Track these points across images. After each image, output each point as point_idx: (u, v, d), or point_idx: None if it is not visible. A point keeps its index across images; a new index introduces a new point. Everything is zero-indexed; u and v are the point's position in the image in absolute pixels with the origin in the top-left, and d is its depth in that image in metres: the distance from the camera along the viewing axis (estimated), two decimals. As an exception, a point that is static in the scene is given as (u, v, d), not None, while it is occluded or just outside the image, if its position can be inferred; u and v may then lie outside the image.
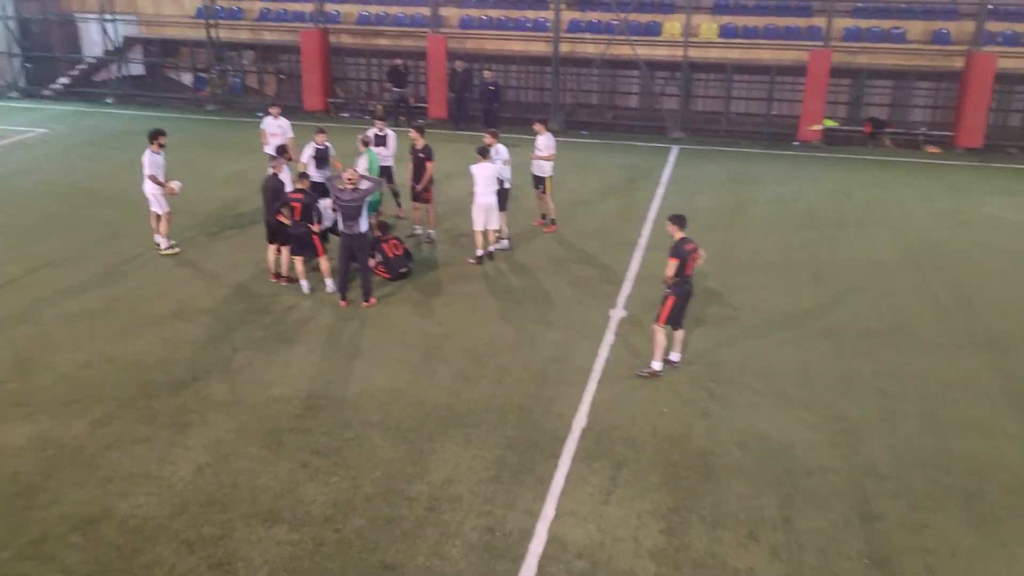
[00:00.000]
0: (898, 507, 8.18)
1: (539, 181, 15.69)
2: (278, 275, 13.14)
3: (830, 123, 23.49)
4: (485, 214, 13.84)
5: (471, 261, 14.12)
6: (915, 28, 23.84)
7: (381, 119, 15.72)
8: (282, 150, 13.94)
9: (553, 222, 15.89)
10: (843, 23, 24.08)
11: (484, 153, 13.95)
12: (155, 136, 13.83)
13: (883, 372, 10.73)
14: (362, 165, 14.06)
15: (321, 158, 14.75)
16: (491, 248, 14.37)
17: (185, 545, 7.51)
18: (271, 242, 12.97)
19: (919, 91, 24.96)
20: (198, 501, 8.09)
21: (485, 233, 14.04)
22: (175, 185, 13.80)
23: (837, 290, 13.29)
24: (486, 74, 23.49)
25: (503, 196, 14.41)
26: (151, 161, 13.71)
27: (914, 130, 23.68)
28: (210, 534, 7.65)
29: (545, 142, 15.46)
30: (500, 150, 14.53)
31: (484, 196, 13.73)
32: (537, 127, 15.63)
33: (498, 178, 14.01)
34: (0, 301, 12.36)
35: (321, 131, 14.87)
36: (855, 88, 24.80)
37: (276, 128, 16.40)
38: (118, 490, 8.23)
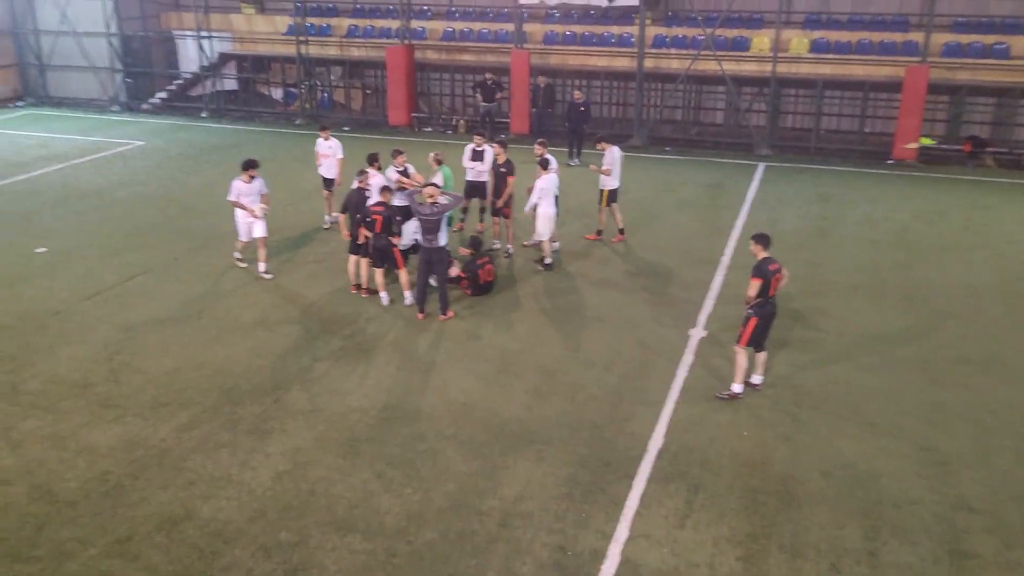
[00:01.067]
0: (991, 544, 7.78)
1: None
2: (358, 286, 13.35)
3: (927, 141, 22.68)
4: (550, 223, 14.26)
5: (540, 268, 14.53)
6: (1019, 44, 22.85)
7: (480, 135, 15.77)
8: (373, 158, 14.14)
9: (600, 233, 16.13)
10: (942, 38, 23.25)
11: (545, 165, 14.35)
12: (247, 167, 13.93)
13: (977, 403, 10.26)
14: (438, 183, 14.14)
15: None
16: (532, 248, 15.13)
17: (262, 550, 7.66)
18: (353, 253, 13.20)
19: (1023, 109, 23.90)
20: (276, 507, 8.24)
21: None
22: (258, 210, 13.91)
23: (930, 315, 12.78)
24: (576, 95, 23.29)
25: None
26: (235, 187, 13.85)
27: (1017, 150, 22.67)
28: (286, 540, 7.78)
29: (608, 158, 15.66)
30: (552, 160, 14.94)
31: (549, 206, 14.17)
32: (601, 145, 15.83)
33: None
34: (95, 308, 12.88)
35: (399, 152, 14.53)
36: (954, 105, 23.90)
37: (327, 149, 16.43)
38: (201, 493, 8.46)
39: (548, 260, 14.53)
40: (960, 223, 17.33)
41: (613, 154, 15.64)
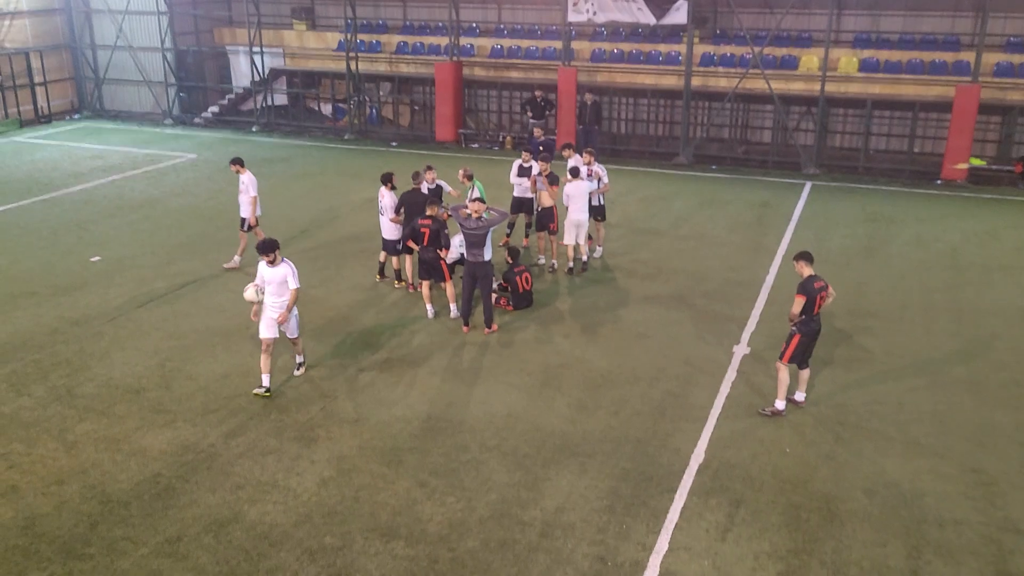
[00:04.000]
0: (1040, 568, 7.67)
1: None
2: (412, 284, 14.11)
3: (977, 162, 22.35)
4: (576, 229, 14.70)
5: (566, 271, 15.03)
6: (1073, 63, 22.48)
7: (528, 151, 15.94)
8: (387, 177, 14.09)
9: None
10: (993, 58, 22.93)
11: (576, 173, 14.75)
12: (264, 250, 10.76)
13: (1027, 425, 10.10)
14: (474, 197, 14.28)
15: (435, 195, 14.39)
16: (585, 259, 15.26)
17: (307, 553, 7.80)
18: (406, 253, 13.87)
19: (1076, 129, 23.45)
20: (321, 512, 8.40)
21: (576, 247, 14.96)
22: (276, 312, 10.83)
23: (980, 337, 12.60)
24: (587, 96, 23.97)
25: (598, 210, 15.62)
26: (259, 272, 10.86)
27: (1070, 170, 22.25)
28: (331, 544, 7.92)
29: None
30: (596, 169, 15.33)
31: (577, 213, 14.60)
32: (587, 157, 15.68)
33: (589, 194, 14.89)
34: (148, 315, 13.23)
35: (430, 168, 14.60)
36: (1006, 126, 23.53)
37: (240, 184, 15.47)
38: (248, 496, 8.65)
39: (570, 264, 15.06)
40: (1011, 244, 17.04)
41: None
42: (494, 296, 13.03)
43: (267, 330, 10.68)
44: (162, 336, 12.48)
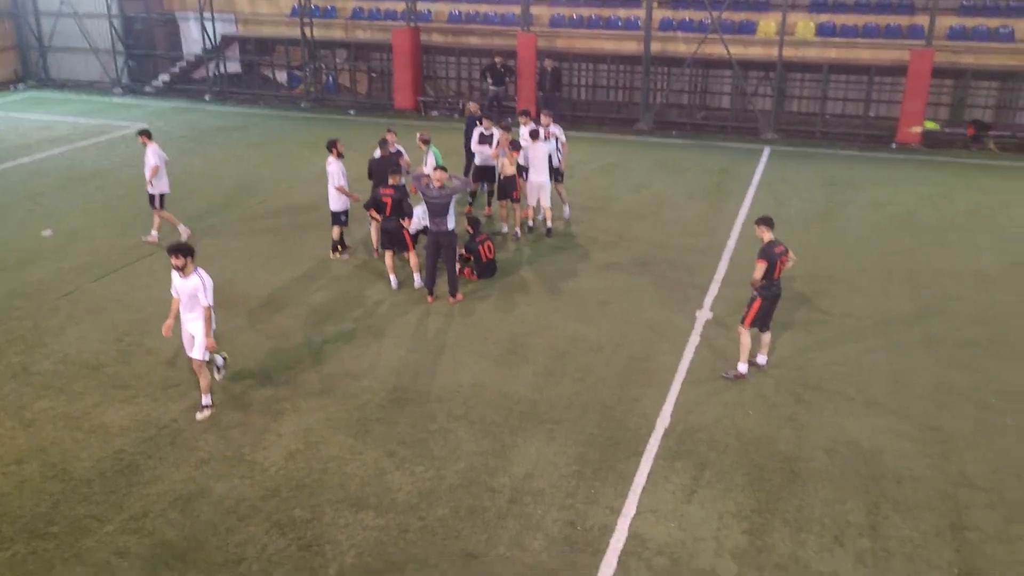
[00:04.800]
0: (992, 519, 7.91)
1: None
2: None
3: (931, 125, 22.69)
4: (536, 191, 14.95)
5: (516, 235, 15.23)
6: (1024, 27, 22.84)
7: (489, 119, 15.82)
8: (332, 144, 13.90)
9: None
10: (947, 21, 23.22)
11: (535, 136, 14.87)
12: (173, 252, 9.39)
13: (982, 383, 10.36)
14: (430, 163, 14.21)
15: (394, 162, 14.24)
16: (549, 225, 15.31)
17: (276, 526, 7.78)
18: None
19: (1027, 92, 23.89)
20: (289, 485, 8.37)
21: (543, 211, 15.21)
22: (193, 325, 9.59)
23: (935, 298, 12.86)
24: (547, 62, 24.12)
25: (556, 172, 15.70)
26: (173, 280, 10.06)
27: (1020, 133, 22.67)
28: (300, 517, 7.91)
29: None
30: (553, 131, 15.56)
31: (537, 175, 14.84)
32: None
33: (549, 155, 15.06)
34: (103, 289, 12.98)
35: (390, 131, 14.58)
36: (958, 89, 23.88)
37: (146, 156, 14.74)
38: (214, 471, 8.58)
39: (531, 224, 15.45)
40: (964, 206, 17.39)
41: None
42: (458, 266, 12.98)
43: (189, 349, 9.52)
44: (119, 310, 12.26)
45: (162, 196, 14.79)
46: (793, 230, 15.11)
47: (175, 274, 9.22)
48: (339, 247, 14.25)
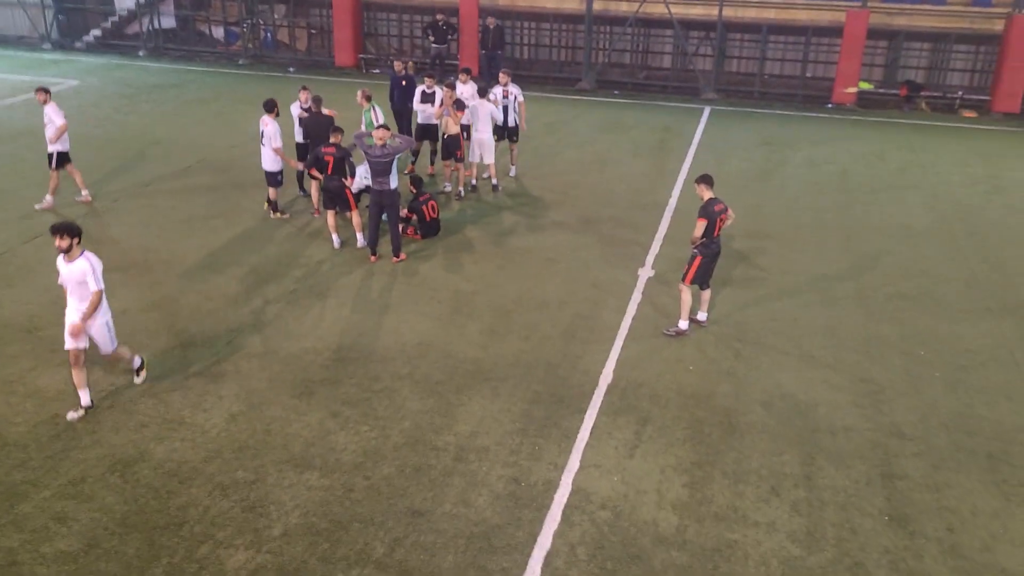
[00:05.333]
0: (920, 467, 8.24)
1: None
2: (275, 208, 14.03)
3: (865, 86, 23.12)
4: (479, 148, 15.07)
5: (459, 194, 15.20)
6: (956, -11, 23.30)
7: (430, 76, 15.63)
8: (271, 105, 13.65)
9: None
10: (883, -17, 23.59)
11: (483, 93, 15.11)
12: (56, 232, 9.46)
13: (911, 336, 10.72)
14: (380, 120, 14.10)
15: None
16: (495, 181, 15.51)
17: (219, 488, 7.73)
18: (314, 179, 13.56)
19: (957, 54, 24.43)
20: (231, 447, 8.31)
21: (481, 167, 15.52)
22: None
23: (867, 254, 13.21)
24: (489, 20, 24.08)
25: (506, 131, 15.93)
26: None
27: (951, 94, 23.25)
28: (243, 478, 7.87)
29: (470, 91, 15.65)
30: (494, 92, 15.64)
31: (480, 132, 14.98)
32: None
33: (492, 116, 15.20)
34: (35, 250, 12.60)
35: (304, 88, 14.38)
36: (892, 50, 24.33)
37: (45, 116, 14.09)
38: (153, 435, 8.46)
39: (473, 182, 15.52)
40: (896, 164, 17.82)
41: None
42: (401, 226, 12.89)
43: (71, 340, 8.58)
44: (52, 272, 11.69)
45: (60, 155, 13.97)
46: (732, 188, 15.33)
47: (60, 259, 8.35)
48: (276, 207, 14.02)
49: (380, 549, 7.08)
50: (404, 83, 16.27)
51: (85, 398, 8.80)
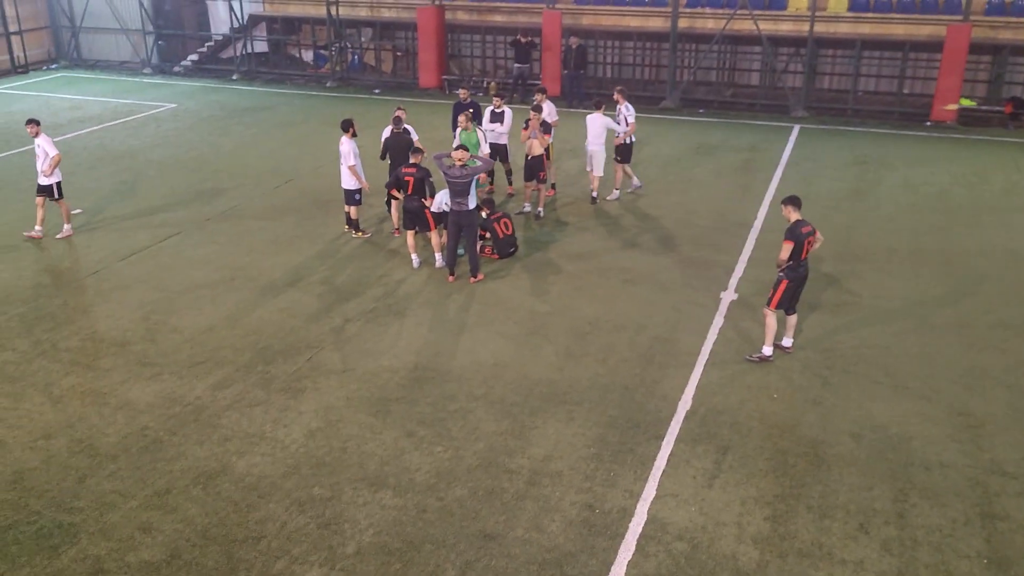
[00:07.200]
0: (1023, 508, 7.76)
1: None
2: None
3: (967, 103, 22.19)
4: (588, 159, 15.58)
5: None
6: (1065, 1, 22.21)
7: (498, 96, 15.70)
8: (347, 124, 13.80)
9: (553, 187, 16.41)
10: (985, -4, 22.67)
11: (599, 106, 15.43)
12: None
13: (1015, 367, 10.13)
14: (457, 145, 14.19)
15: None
16: (595, 193, 15.84)
17: (296, 504, 7.81)
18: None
19: (1066, 69, 23.28)
20: (309, 463, 8.39)
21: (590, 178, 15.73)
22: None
23: (968, 279, 12.60)
24: (572, 40, 23.98)
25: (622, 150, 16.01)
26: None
27: (1060, 111, 22.14)
28: (319, 495, 7.93)
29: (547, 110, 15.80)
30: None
31: (592, 145, 15.43)
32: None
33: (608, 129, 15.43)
34: (130, 268, 13.08)
35: (400, 109, 14.45)
36: (996, 65, 23.32)
37: (38, 148, 13.98)
38: (236, 449, 8.62)
39: (593, 193, 15.82)
40: (1000, 186, 17.00)
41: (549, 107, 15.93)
42: (479, 245, 12.90)
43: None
44: (146, 289, 12.35)
45: (59, 185, 14.10)
46: (823, 209, 14.87)
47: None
48: (356, 226, 14.21)
49: (452, 572, 7.01)
50: (471, 110, 16.23)
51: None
